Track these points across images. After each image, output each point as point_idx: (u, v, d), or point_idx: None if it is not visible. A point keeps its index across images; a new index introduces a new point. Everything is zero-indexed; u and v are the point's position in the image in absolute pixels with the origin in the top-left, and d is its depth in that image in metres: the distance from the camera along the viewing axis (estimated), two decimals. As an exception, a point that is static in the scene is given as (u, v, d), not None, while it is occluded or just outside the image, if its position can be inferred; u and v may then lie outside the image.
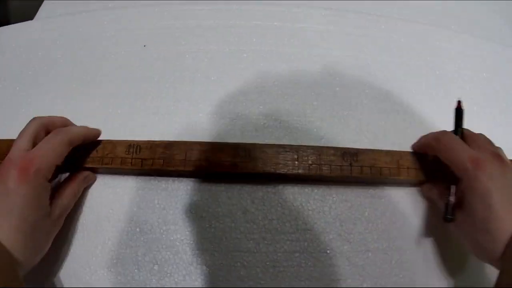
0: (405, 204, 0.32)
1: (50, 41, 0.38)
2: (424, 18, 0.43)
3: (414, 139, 0.33)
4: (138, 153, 0.29)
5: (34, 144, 0.26)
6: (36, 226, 0.24)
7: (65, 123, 0.29)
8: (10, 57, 0.38)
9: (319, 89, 0.34)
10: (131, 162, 0.29)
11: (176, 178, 0.31)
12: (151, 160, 0.29)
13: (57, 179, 0.30)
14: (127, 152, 0.29)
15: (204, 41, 0.36)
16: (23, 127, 0.32)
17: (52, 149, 0.25)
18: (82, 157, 0.30)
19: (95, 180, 0.31)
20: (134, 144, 0.30)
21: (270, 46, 0.36)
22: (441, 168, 0.29)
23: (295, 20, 0.38)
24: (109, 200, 0.31)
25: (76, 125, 0.29)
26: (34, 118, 0.27)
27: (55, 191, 0.27)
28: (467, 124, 0.35)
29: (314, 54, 0.36)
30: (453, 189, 0.26)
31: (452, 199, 0.26)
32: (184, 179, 0.31)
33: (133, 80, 0.35)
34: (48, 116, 0.28)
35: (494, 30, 0.46)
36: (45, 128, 0.27)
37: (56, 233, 0.27)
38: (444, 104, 0.36)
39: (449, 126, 0.35)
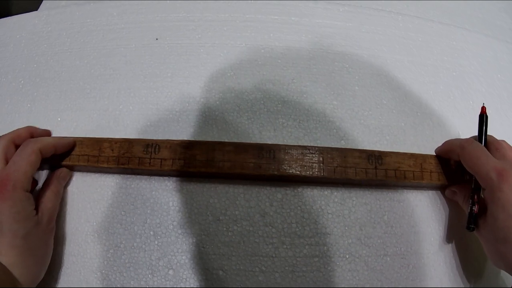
0: (424, 208, 0.31)
1: (55, 33, 0.36)
2: (438, 17, 0.42)
3: (432, 141, 0.33)
4: (157, 153, 0.28)
5: (7, 161, 0.26)
6: (29, 238, 0.24)
7: (31, 133, 0.29)
8: (14, 50, 0.36)
9: (338, 89, 0.33)
10: (150, 163, 0.28)
11: (191, 180, 0.30)
12: (171, 161, 0.28)
13: (37, 187, 0.29)
14: (145, 152, 0.28)
15: (220, 35, 0.35)
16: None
17: (24, 161, 0.25)
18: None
19: (71, 175, 0.30)
20: (152, 143, 0.28)
21: (287, 42, 0.35)
22: (463, 172, 0.29)
23: (312, 16, 0.36)
24: (122, 202, 0.29)
25: (46, 136, 0.29)
26: (1, 137, 0.27)
27: (37, 199, 0.27)
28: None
29: (332, 52, 0.35)
30: (476, 198, 0.26)
31: (475, 208, 0.26)
32: (200, 180, 0.30)
33: (145, 76, 0.33)
34: (12, 131, 0.28)
35: (505, 29, 0.45)
36: (13, 143, 0.27)
37: (52, 238, 0.27)
38: (461, 106, 0.36)
39: (466, 127, 0.35)
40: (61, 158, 0.29)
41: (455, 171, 0.30)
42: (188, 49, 0.34)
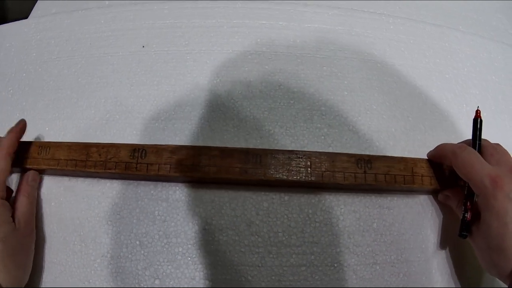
0: (414, 215, 0.31)
1: (44, 41, 0.36)
2: (431, 18, 0.41)
3: (424, 146, 0.32)
4: (143, 157, 0.28)
5: None
6: (7, 242, 0.25)
7: None
8: (4, 58, 0.36)
9: (327, 94, 0.33)
10: (136, 167, 0.28)
11: (177, 188, 0.30)
12: (157, 165, 0.27)
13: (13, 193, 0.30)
14: (131, 157, 0.28)
15: (207, 41, 0.34)
16: None
17: None
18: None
19: (41, 176, 0.31)
20: (139, 148, 0.28)
21: (275, 47, 0.34)
22: (457, 177, 0.28)
23: (301, 20, 0.36)
24: (108, 212, 0.29)
25: (3, 137, 0.29)
26: None
27: (12, 205, 0.27)
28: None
29: (322, 56, 0.34)
30: (469, 205, 0.26)
31: (467, 215, 0.26)
32: (186, 189, 0.30)
33: (131, 84, 0.33)
34: None
35: (500, 30, 0.44)
36: None
37: (32, 242, 0.28)
38: (454, 110, 0.35)
39: (459, 131, 0.34)
40: (22, 160, 0.29)
41: (447, 175, 0.29)
42: (175, 56, 0.33)
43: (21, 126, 0.29)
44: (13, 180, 0.31)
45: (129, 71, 0.33)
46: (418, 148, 0.32)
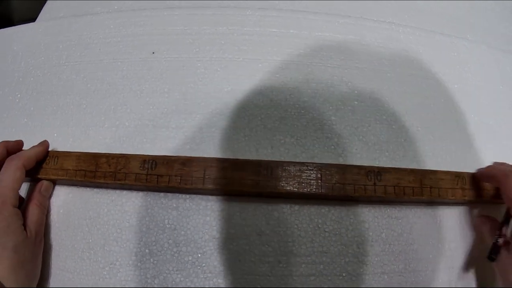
0: (422, 225, 0.31)
1: (52, 45, 0.36)
2: (440, 27, 0.41)
3: (433, 157, 0.33)
4: (153, 169, 0.28)
5: None
6: (18, 251, 0.25)
7: (6, 148, 0.29)
8: (12, 62, 0.36)
9: (337, 104, 0.33)
10: (146, 179, 0.28)
11: (187, 197, 0.29)
12: (168, 177, 0.27)
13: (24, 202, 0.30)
14: (141, 168, 0.28)
15: (217, 49, 0.34)
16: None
17: (10, 178, 0.26)
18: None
19: (53, 187, 0.31)
20: (149, 160, 0.28)
21: (286, 56, 0.34)
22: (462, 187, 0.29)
23: (311, 29, 0.36)
24: (117, 220, 0.29)
25: (26, 149, 0.29)
26: None
27: (23, 213, 0.28)
28: (485, 141, 0.35)
29: (332, 65, 0.34)
30: (504, 230, 0.26)
31: (501, 241, 0.26)
32: (196, 198, 0.29)
33: (141, 91, 0.33)
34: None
35: (509, 38, 0.44)
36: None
37: (41, 251, 0.28)
38: (463, 120, 0.35)
39: (468, 141, 0.34)
40: (39, 169, 0.29)
41: (455, 187, 0.29)
42: (186, 63, 0.33)
43: (44, 146, 0.30)
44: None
45: (139, 77, 0.33)
46: (427, 159, 0.33)
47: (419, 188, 0.29)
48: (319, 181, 0.28)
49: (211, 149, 0.30)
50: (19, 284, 0.25)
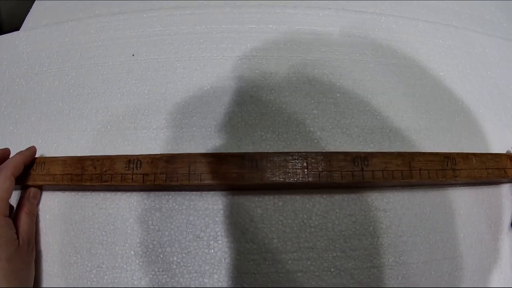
0: (411, 217, 0.30)
1: (35, 53, 0.36)
2: (424, 15, 0.41)
3: (420, 146, 0.32)
4: (138, 168, 0.28)
5: None
6: (12, 261, 0.25)
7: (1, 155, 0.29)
8: (-4, 72, 0.37)
9: (319, 97, 0.32)
10: (132, 178, 0.28)
11: (170, 198, 0.29)
12: (153, 175, 0.27)
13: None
14: (127, 168, 0.28)
15: (196, 48, 0.34)
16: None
17: (0, 188, 0.26)
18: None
19: (40, 193, 0.31)
20: (134, 159, 0.28)
21: (266, 52, 0.34)
22: (453, 167, 0.29)
23: (291, 23, 0.35)
24: (102, 223, 0.29)
25: (11, 157, 0.29)
26: None
27: (14, 222, 0.27)
28: (473, 128, 0.34)
29: (313, 58, 0.34)
30: None
31: None
32: (178, 198, 0.29)
33: (122, 94, 0.33)
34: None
35: (494, 24, 0.43)
36: None
37: (33, 259, 0.28)
38: (450, 108, 0.34)
39: (455, 130, 0.33)
40: (26, 176, 0.29)
41: (445, 168, 0.29)
42: (165, 64, 0.33)
43: (31, 152, 0.30)
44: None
45: (119, 80, 0.33)
46: (414, 149, 0.32)
47: (408, 171, 0.29)
48: (305, 170, 0.28)
49: (192, 148, 0.30)
50: None
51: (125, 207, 0.30)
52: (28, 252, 0.27)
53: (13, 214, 0.29)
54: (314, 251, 0.29)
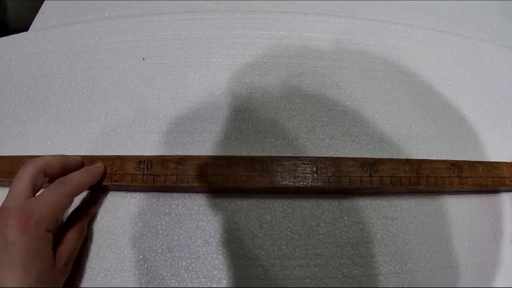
0: (418, 225, 0.31)
1: (44, 55, 0.36)
2: (432, 23, 0.41)
3: (427, 155, 0.32)
4: (149, 169, 0.28)
5: (34, 191, 0.24)
6: (42, 279, 0.22)
7: (63, 164, 0.27)
8: (4, 72, 0.36)
9: (329, 104, 0.33)
10: (142, 179, 0.28)
11: (179, 202, 0.29)
12: (163, 177, 0.28)
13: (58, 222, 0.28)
14: (137, 168, 0.28)
15: (207, 53, 0.34)
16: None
17: (55, 201, 0.24)
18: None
19: (95, 211, 0.30)
20: (144, 160, 0.28)
21: (276, 58, 0.34)
22: (459, 175, 0.29)
23: (301, 30, 0.36)
24: (111, 226, 0.29)
25: (78, 172, 0.26)
26: (29, 162, 0.25)
27: (58, 236, 0.25)
28: (481, 137, 0.34)
29: (323, 66, 0.34)
30: None
31: None
32: (188, 203, 0.29)
33: (132, 97, 0.33)
34: (44, 158, 0.26)
35: (502, 32, 0.44)
36: (43, 171, 0.25)
37: (64, 280, 0.26)
38: (457, 116, 0.35)
39: (462, 138, 0.34)
40: None
41: (451, 175, 0.29)
42: (175, 68, 0.33)
43: (99, 172, 0.27)
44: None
45: (129, 84, 0.33)
46: (421, 157, 0.32)
47: (416, 178, 0.29)
48: (315, 175, 0.28)
49: (202, 154, 0.30)
50: None
51: (134, 211, 0.30)
52: (62, 272, 0.25)
53: (60, 227, 0.27)
54: (322, 258, 0.29)
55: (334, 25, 0.36)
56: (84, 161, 0.29)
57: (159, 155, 0.29)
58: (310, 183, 0.28)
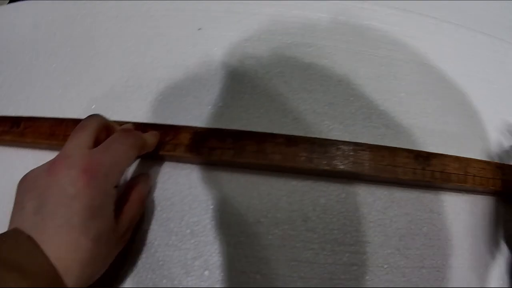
0: (461, 222, 0.31)
1: (90, 17, 0.35)
2: (480, 26, 0.41)
3: (475, 154, 0.32)
4: (204, 141, 0.27)
5: (95, 143, 0.21)
6: (99, 241, 0.19)
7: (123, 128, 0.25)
8: (46, 32, 0.35)
9: (384, 94, 0.32)
10: (197, 151, 0.27)
11: (232, 178, 0.29)
12: (220, 150, 0.27)
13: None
14: (191, 140, 0.27)
15: (265, 30, 0.33)
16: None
17: (124, 152, 0.21)
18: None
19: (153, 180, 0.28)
20: (200, 131, 0.27)
21: (335, 42, 0.33)
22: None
23: (359, 17, 0.35)
24: (159, 198, 0.28)
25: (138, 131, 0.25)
26: (96, 115, 0.23)
27: (119, 202, 0.23)
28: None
29: (380, 55, 0.34)
30: None
31: None
32: (242, 180, 0.29)
33: (187, 67, 0.32)
34: (110, 120, 0.24)
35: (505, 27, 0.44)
36: (106, 129, 0.23)
37: (119, 251, 0.23)
38: (504, 120, 0.35)
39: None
40: None
41: (499, 177, 0.30)
42: (232, 41, 0.32)
43: (156, 139, 0.26)
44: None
45: (184, 53, 0.32)
46: (471, 154, 0.32)
47: (464, 176, 0.29)
48: (371, 162, 0.28)
49: (259, 130, 0.29)
50: (79, 282, 0.18)
51: (184, 183, 0.29)
52: (120, 242, 0.23)
53: (121, 192, 0.24)
54: (370, 246, 0.29)
55: (390, 16, 0.36)
56: (133, 126, 0.27)
57: (216, 128, 0.28)
58: (366, 170, 0.28)
